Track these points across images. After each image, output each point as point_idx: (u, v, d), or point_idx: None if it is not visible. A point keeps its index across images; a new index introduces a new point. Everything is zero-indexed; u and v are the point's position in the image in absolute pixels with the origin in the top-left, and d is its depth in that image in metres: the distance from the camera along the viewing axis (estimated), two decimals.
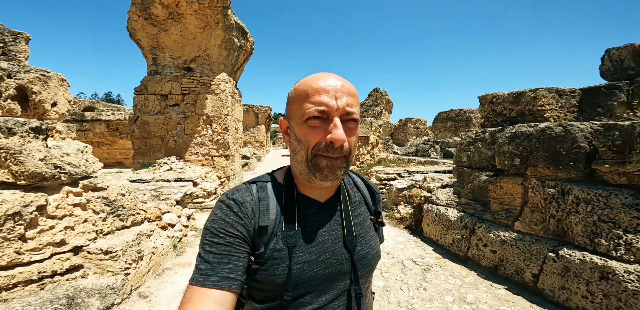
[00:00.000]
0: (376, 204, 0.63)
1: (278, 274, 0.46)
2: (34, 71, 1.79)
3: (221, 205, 0.49)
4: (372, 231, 0.58)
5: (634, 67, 2.00)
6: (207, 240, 0.46)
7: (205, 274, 0.43)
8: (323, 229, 0.52)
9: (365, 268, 0.53)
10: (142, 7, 4.52)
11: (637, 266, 1.25)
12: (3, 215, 1.30)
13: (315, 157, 0.46)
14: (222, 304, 0.41)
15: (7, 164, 1.42)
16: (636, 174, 1.28)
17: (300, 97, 0.47)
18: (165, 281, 2.13)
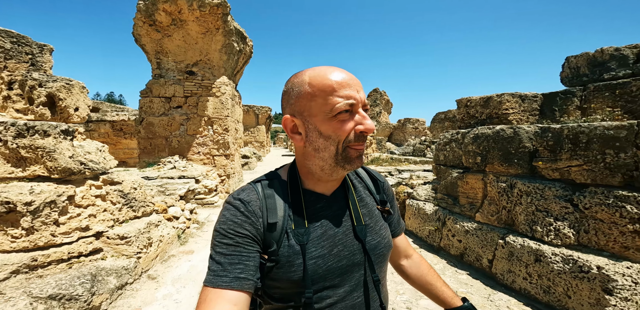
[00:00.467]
0: (380, 192, 0.63)
1: (294, 271, 0.47)
2: (60, 80, 2.10)
3: (228, 206, 0.50)
4: (381, 221, 0.58)
5: (588, 75, 2.26)
6: (217, 241, 0.47)
7: (217, 275, 0.43)
8: (332, 222, 0.52)
9: (378, 257, 0.54)
10: (147, 14, 4.83)
11: (562, 249, 1.52)
12: (42, 202, 1.60)
13: (345, 150, 0.47)
14: (237, 304, 0.41)
15: (43, 161, 1.72)
16: (565, 169, 1.55)
17: (323, 92, 0.46)
18: (171, 266, 2.43)
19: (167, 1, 4.70)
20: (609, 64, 2.08)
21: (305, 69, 0.49)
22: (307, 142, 0.50)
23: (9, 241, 1.53)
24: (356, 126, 0.46)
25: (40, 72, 2.19)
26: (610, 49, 2.11)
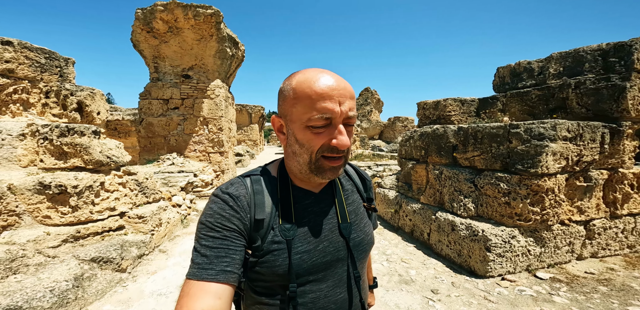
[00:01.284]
0: (368, 190, 0.64)
1: (279, 265, 0.48)
2: (86, 89, 2.60)
3: (216, 200, 0.50)
4: (365, 218, 0.60)
5: (509, 83, 2.88)
6: (204, 234, 0.47)
7: (203, 268, 0.43)
8: (319, 219, 0.54)
9: (361, 253, 0.56)
10: (145, 21, 5.27)
11: (467, 219, 2.12)
12: (84, 186, 2.12)
13: (318, 161, 0.48)
14: (221, 297, 0.42)
15: (81, 155, 2.24)
16: (471, 158, 2.15)
17: (302, 100, 0.46)
18: (177, 243, 2.97)
19: (164, 10, 5.16)
20: (522, 75, 2.69)
21: (299, 71, 0.49)
22: (288, 145, 0.51)
23: (59, 217, 2.05)
24: (331, 140, 0.46)
25: (67, 82, 2.68)
26: (524, 62, 2.72)
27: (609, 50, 2.06)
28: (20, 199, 1.92)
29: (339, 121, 0.46)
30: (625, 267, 2.00)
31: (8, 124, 2.12)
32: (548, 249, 1.89)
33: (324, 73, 0.47)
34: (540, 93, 2.41)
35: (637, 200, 1.97)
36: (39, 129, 2.17)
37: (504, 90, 2.90)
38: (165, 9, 5.14)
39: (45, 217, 2.00)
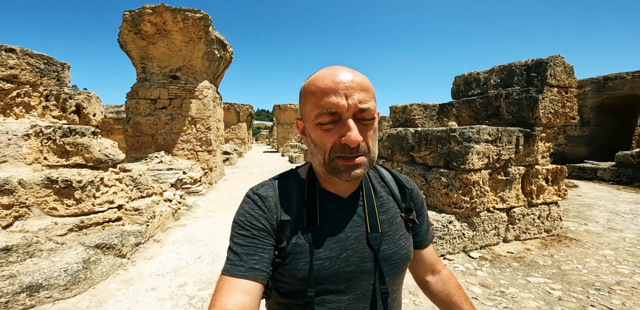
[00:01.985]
0: (407, 200, 0.60)
1: (299, 269, 0.48)
2: (83, 93, 2.83)
3: (247, 200, 0.53)
4: (402, 229, 0.56)
5: (463, 91, 3.38)
6: (236, 232, 0.49)
7: (234, 264, 0.46)
8: (345, 225, 0.52)
9: (392, 268, 0.52)
10: (133, 23, 5.40)
11: None
12: (87, 181, 2.38)
13: (333, 161, 0.46)
14: (250, 294, 0.43)
15: (82, 153, 2.48)
16: (424, 157, 2.60)
17: (309, 98, 0.46)
18: (170, 234, 3.25)
19: (153, 13, 5.31)
20: (472, 84, 3.19)
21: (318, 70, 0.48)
22: (307, 145, 0.51)
23: (64, 208, 2.31)
24: (341, 137, 0.44)
25: (63, 85, 2.88)
26: (475, 73, 3.21)
27: (532, 66, 2.56)
28: (30, 192, 2.17)
29: (347, 116, 0.44)
30: (539, 247, 2.52)
31: (13, 125, 2.34)
32: (479, 233, 2.37)
33: (333, 69, 0.46)
34: (482, 101, 2.91)
35: (551, 192, 2.50)
36: (42, 130, 2.39)
37: (458, 97, 3.40)
38: (153, 12, 5.29)
39: (52, 209, 2.25)
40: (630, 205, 4.01)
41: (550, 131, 2.45)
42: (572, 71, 2.46)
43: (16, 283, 1.71)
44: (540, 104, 2.34)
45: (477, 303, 1.74)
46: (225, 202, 4.70)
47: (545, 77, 2.41)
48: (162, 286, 2.12)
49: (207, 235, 3.20)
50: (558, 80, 2.41)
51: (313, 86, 0.45)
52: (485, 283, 1.98)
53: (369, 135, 0.46)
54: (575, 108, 2.47)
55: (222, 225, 3.50)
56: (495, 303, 1.74)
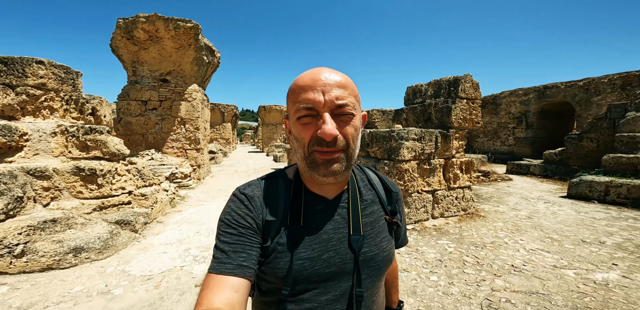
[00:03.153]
0: (392, 203, 0.62)
1: (280, 267, 0.49)
2: (97, 98, 3.38)
3: (234, 199, 0.54)
4: (384, 232, 0.58)
5: (411, 99, 4.29)
6: (222, 231, 0.50)
7: (222, 262, 0.46)
8: (328, 227, 0.53)
9: (372, 270, 0.54)
10: (126, 30, 5.85)
11: None
12: (106, 170, 2.96)
13: (311, 155, 0.48)
14: (238, 291, 0.44)
15: (100, 148, 3.05)
16: (375, 151, 3.43)
17: (290, 96, 0.49)
18: (169, 217, 3.84)
19: (146, 22, 5.80)
20: (417, 93, 4.10)
21: None
22: (291, 143, 0.53)
23: (88, 192, 2.88)
24: (317, 131, 0.46)
25: (77, 91, 3.41)
26: (419, 84, 4.12)
27: (452, 81, 3.49)
28: (61, 178, 2.73)
29: (323, 111, 0.46)
30: (456, 222, 3.43)
31: (42, 125, 2.87)
32: (412, 210, 3.23)
33: (316, 69, 0.48)
34: (421, 108, 3.82)
35: (465, 178, 3.42)
36: (67, 129, 2.95)
37: (408, 105, 4.31)
38: (147, 20, 5.78)
39: (78, 192, 2.82)
40: (540, 193, 5.16)
41: (462, 133, 3.38)
42: (477, 87, 3.41)
43: (65, 246, 2.30)
44: (453, 112, 3.27)
45: (399, 256, 2.56)
46: (214, 194, 5.32)
47: (458, 90, 3.35)
48: (171, 251, 2.77)
49: (202, 217, 3.84)
50: (467, 93, 3.36)
51: (294, 85, 0.48)
52: (409, 245, 2.83)
53: (348, 131, 0.47)
54: (479, 116, 3.43)
55: (214, 210, 4.14)
56: (410, 256, 2.58)
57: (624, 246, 2.63)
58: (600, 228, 3.15)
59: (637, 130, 4.89)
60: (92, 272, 2.25)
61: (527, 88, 10.45)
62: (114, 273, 2.25)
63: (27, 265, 2.11)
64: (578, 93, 8.95)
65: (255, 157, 14.19)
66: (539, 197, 4.79)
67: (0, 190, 2.17)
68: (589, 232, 3.01)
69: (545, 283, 1.97)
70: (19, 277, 2.09)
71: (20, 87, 2.78)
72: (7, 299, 1.83)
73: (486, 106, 11.98)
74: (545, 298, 1.78)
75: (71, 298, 1.87)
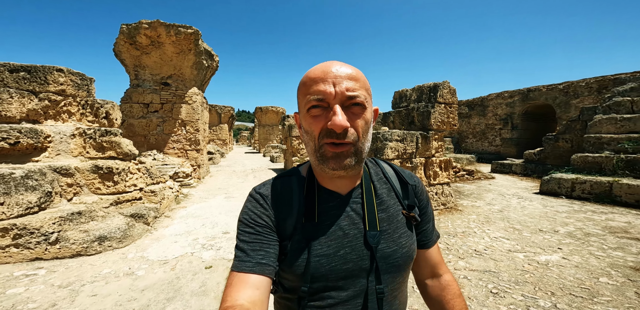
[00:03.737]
0: (409, 197, 0.60)
1: (297, 265, 0.50)
2: (109, 103, 3.71)
3: (250, 199, 0.56)
4: (403, 227, 0.56)
5: (399, 103, 4.71)
6: (241, 230, 0.52)
7: (242, 260, 0.48)
8: (343, 223, 0.53)
9: (391, 267, 0.53)
10: (129, 36, 6.14)
11: None
12: (121, 169, 3.29)
13: (322, 148, 0.48)
14: (259, 288, 0.45)
15: (115, 148, 3.38)
16: None
17: (301, 89, 0.49)
18: (175, 212, 4.18)
19: (149, 28, 6.10)
20: (403, 98, 4.52)
21: None
22: (302, 137, 0.53)
23: (105, 188, 3.20)
24: (327, 123, 0.46)
25: (91, 96, 3.72)
26: (405, 90, 4.54)
27: (432, 87, 3.90)
28: (82, 176, 3.05)
29: (334, 102, 0.46)
30: (436, 215, 3.83)
31: (62, 128, 3.19)
32: None
33: (326, 62, 0.49)
34: (406, 112, 4.23)
35: (444, 175, 3.83)
36: (85, 131, 3.27)
37: (394, 108, 4.72)
38: (149, 26, 6.08)
39: (96, 189, 3.15)
40: (517, 190, 5.64)
41: (440, 134, 3.80)
42: (454, 92, 3.84)
43: (91, 235, 2.64)
44: (432, 115, 3.69)
45: None
46: (215, 192, 5.65)
47: (437, 96, 3.77)
48: (181, 240, 3.12)
49: (205, 212, 4.18)
50: (445, 99, 3.78)
51: (305, 77, 0.49)
52: None
53: (359, 124, 0.47)
54: (456, 119, 3.86)
55: (215, 206, 4.49)
56: None
57: (573, 234, 3.08)
58: (559, 219, 3.61)
59: (602, 131, 5.42)
60: (115, 258, 2.59)
61: (512, 91, 11.03)
62: (134, 258, 2.59)
63: (60, 252, 2.44)
64: (558, 96, 9.54)
65: (252, 157, 14.49)
66: (515, 194, 5.26)
67: (33, 186, 2.49)
68: (548, 223, 3.47)
69: (498, 264, 2.39)
70: (52, 262, 2.42)
71: (43, 93, 3.09)
72: (48, 279, 2.16)
73: (475, 108, 12.54)
74: (495, 275, 2.19)
75: (102, 278, 2.22)
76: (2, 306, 1.80)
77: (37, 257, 2.38)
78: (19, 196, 2.35)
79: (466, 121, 12.91)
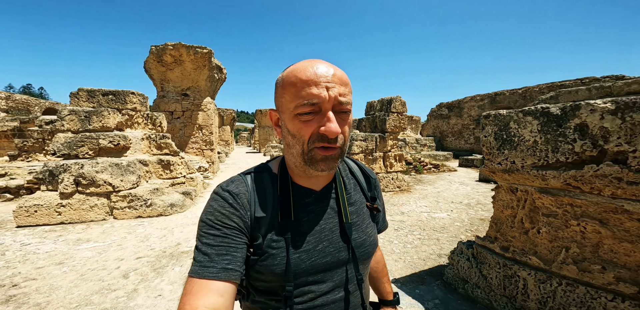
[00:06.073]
0: (372, 189, 0.66)
1: (276, 264, 0.50)
2: (160, 114, 5.37)
3: (216, 197, 0.53)
4: (368, 218, 0.62)
5: (368, 111, 6.40)
6: (204, 232, 0.49)
7: (204, 266, 0.46)
8: (319, 218, 0.56)
9: (363, 255, 0.57)
10: (157, 55, 7.75)
11: None
12: (174, 161, 4.96)
13: (311, 151, 0.49)
14: (223, 295, 0.44)
15: (168, 147, 5.06)
16: None
17: (289, 89, 0.48)
18: (205, 193, 5.85)
19: (173, 49, 7.72)
20: (372, 107, 6.22)
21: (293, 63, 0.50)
22: (283, 137, 0.53)
23: (165, 174, 4.87)
24: (319, 127, 0.46)
25: (146, 109, 5.37)
26: (374, 101, 6.23)
27: (389, 100, 5.60)
28: (152, 166, 4.71)
29: (327, 107, 0.47)
30: (392, 195, 5.53)
31: (136, 133, 4.84)
32: None
33: (313, 61, 0.48)
34: (372, 118, 5.94)
35: (398, 166, 5.52)
36: (149, 136, 4.92)
37: (366, 115, 6.43)
38: (173, 47, 7.70)
39: (159, 175, 4.81)
40: (465, 179, 7.40)
41: (394, 135, 5.50)
42: (404, 104, 5.54)
43: (166, 201, 4.30)
44: (387, 122, 5.39)
45: None
46: None
47: (391, 107, 5.47)
48: None
49: None
50: (397, 109, 5.49)
51: (293, 77, 0.47)
52: None
53: (346, 129, 0.50)
54: (406, 123, 5.57)
55: None
56: None
57: (470, 204, 4.82)
58: (472, 196, 5.36)
59: None
60: (181, 217, 4.26)
61: (483, 94, 12.82)
62: (192, 217, 4.27)
63: (152, 212, 4.11)
64: (518, 99, 11.33)
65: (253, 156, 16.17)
66: (461, 182, 7.02)
67: (132, 171, 4.14)
68: (462, 198, 5.21)
69: (410, 218, 4.12)
70: (147, 219, 4.08)
71: (124, 110, 4.74)
72: (153, 225, 3.83)
73: (453, 110, 14.32)
74: (403, 223, 3.92)
75: (181, 225, 3.89)
76: (142, 235, 3.46)
77: (139, 215, 4.05)
78: (128, 176, 4.01)
79: (446, 122, 14.70)
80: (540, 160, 1.23)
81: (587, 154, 1.08)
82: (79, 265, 2.58)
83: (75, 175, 3.66)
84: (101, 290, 2.17)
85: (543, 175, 1.21)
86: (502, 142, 1.39)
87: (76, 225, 3.62)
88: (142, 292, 2.16)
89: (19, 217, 3.46)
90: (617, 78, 8.34)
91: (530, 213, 1.41)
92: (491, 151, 1.45)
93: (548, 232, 1.32)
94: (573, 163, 1.13)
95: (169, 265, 2.62)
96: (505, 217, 1.53)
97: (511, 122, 1.36)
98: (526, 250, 1.44)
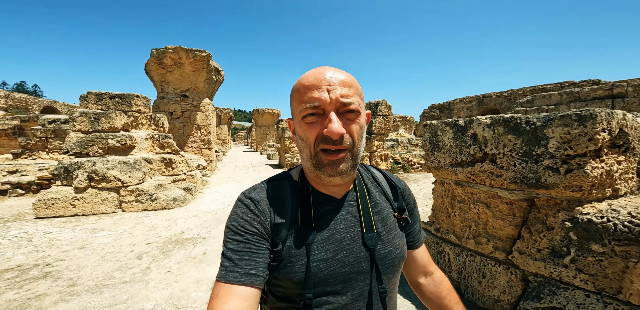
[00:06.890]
0: (399, 199, 0.64)
1: (295, 271, 0.50)
2: (162, 115, 5.80)
3: (239, 204, 0.55)
4: (396, 229, 0.60)
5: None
6: (229, 238, 0.51)
7: (229, 270, 0.48)
8: (340, 226, 0.55)
9: (387, 268, 0.55)
10: (158, 58, 8.13)
11: None
12: (175, 160, 5.40)
13: (318, 155, 0.50)
14: (247, 300, 0.45)
15: (170, 147, 5.50)
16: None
17: (295, 95, 0.51)
18: (204, 191, 6.31)
19: (173, 52, 8.10)
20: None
21: None
22: (297, 143, 0.55)
23: (167, 172, 5.32)
24: (323, 129, 0.47)
25: (149, 111, 5.79)
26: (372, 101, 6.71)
27: (375, 103, 6.07)
28: (155, 164, 5.15)
29: (330, 109, 0.48)
30: None
31: (140, 133, 5.27)
32: None
33: (319, 68, 0.50)
34: None
35: (384, 164, 6.01)
36: (153, 135, 5.35)
37: None
38: (173, 51, 8.09)
39: (162, 172, 5.25)
40: None
41: (380, 137, 5.99)
42: (390, 108, 6.01)
43: (169, 196, 4.75)
44: (374, 124, 5.86)
45: None
46: (226, 180, 7.77)
47: (377, 110, 5.95)
48: (215, 203, 5.26)
49: (224, 190, 6.33)
50: (382, 112, 5.97)
51: (298, 84, 0.51)
52: None
53: (354, 129, 0.49)
54: (391, 125, 6.06)
55: (228, 187, 6.65)
56: None
57: None
58: None
59: None
60: (183, 210, 4.71)
61: (471, 96, 13.36)
62: (192, 210, 4.72)
63: (156, 206, 4.55)
64: (503, 102, 11.89)
65: (250, 155, 16.60)
66: None
67: (139, 168, 4.58)
68: None
69: None
70: (152, 212, 4.52)
71: (129, 112, 5.16)
72: (158, 217, 4.27)
73: (444, 111, 14.85)
74: None
75: (183, 217, 4.34)
76: (150, 225, 3.91)
77: (145, 208, 4.49)
78: (135, 173, 4.45)
79: None
80: (454, 160, 1.67)
81: (477, 155, 1.47)
82: (99, 249, 3.03)
83: (88, 171, 4.09)
84: (120, 268, 2.62)
85: (455, 171, 1.63)
86: (434, 145, 1.85)
87: (89, 217, 4.06)
88: (154, 269, 2.62)
89: (38, 209, 3.89)
90: (593, 83, 8.89)
91: (451, 200, 1.78)
92: (427, 153, 1.92)
93: (460, 214, 1.70)
94: (470, 162, 1.59)
95: (175, 249, 3.07)
96: (439, 204, 2.00)
97: (438, 130, 1.81)
98: (449, 230, 1.80)
